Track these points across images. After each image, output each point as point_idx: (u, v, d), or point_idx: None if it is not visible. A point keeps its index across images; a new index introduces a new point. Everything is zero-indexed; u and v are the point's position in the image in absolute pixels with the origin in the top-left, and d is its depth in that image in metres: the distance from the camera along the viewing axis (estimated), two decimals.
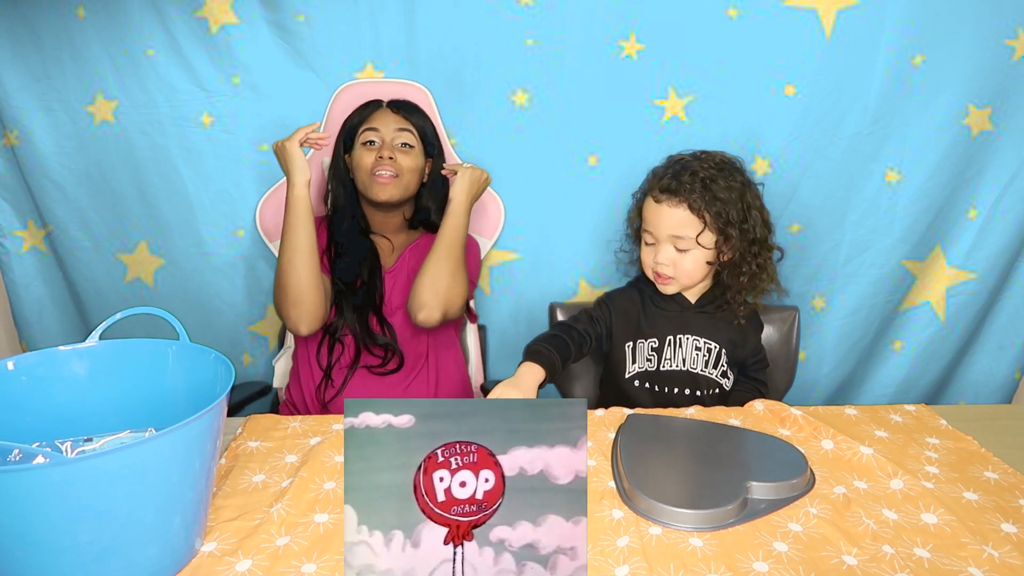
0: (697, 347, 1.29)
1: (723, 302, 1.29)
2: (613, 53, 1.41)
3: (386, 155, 1.33)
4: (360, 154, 1.35)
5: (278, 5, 1.37)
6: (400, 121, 1.36)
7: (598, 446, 1.05)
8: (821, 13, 1.36)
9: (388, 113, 1.37)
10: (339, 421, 1.11)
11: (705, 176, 1.22)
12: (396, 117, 1.37)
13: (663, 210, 1.24)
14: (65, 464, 0.71)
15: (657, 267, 1.26)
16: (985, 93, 1.42)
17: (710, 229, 1.22)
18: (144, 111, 1.43)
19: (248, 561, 0.79)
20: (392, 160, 1.33)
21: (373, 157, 1.34)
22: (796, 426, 1.10)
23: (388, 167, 1.32)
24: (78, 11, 1.37)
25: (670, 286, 1.28)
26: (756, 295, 1.29)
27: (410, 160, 1.36)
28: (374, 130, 1.35)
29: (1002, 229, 1.50)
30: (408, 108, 1.39)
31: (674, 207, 1.22)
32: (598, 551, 0.81)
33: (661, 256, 1.25)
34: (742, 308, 1.28)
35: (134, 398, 0.91)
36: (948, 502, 0.91)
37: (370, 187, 1.34)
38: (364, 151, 1.35)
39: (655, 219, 1.25)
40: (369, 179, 1.34)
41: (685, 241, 1.23)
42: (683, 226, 1.22)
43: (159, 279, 1.55)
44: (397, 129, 1.35)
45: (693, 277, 1.26)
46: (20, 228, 1.53)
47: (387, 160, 1.33)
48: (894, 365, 1.61)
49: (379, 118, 1.36)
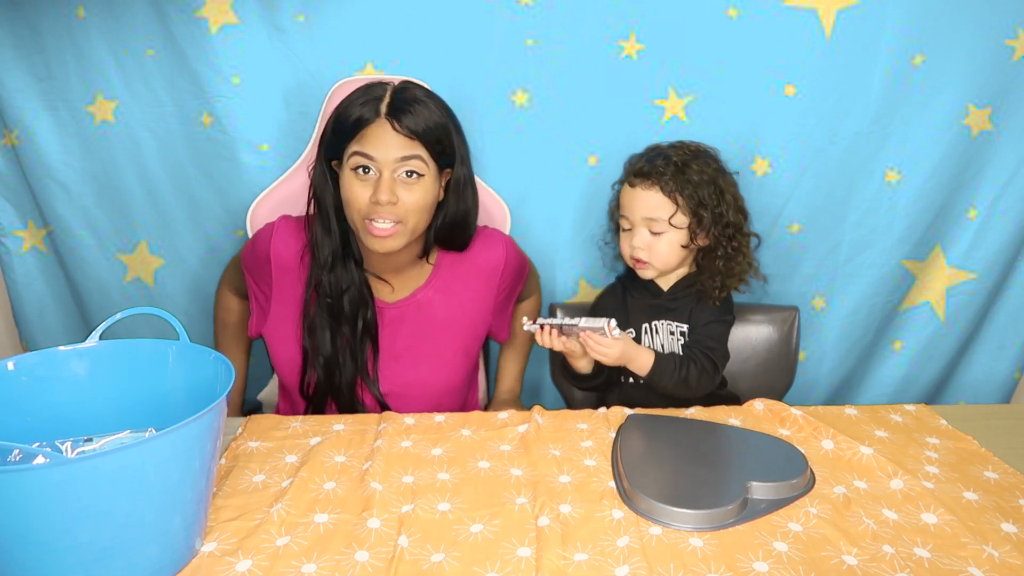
0: (671, 331, 1.30)
1: (698, 288, 1.30)
2: (613, 53, 1.41)
3: (383, 199, 1.03)
4: (350, 183, 1.06)
5: (278, 5, 1.37)
6: (403, 145, 1.05)
7: (598, 446, 1.05)
8: (821, 13, 1.36)
9: (387, 131, 1.04)
10: (339, 421, 1.11)
11: (678, 160, 1.26)
12: (398, 139, 1.04)
13: (637, 193, 1.27)
14: (65, 464, 0.71)
15: (633, 251, 1.29)
16: (985, 93, 1.42)
17: (682, 211, 1.25)
18: (144, 111, 1.43)
19: (248, 561, 0.80)
20: (393, 206, 1.05)
21: (366, 195, 1.05)
22: (796, 426, 1.10)
23: (387, 215, 1.05)
24: (78, 11, 1.37)
25: (647, 271, 1.30)
26: (735, 282, 1.31)
27: (417, 195, 1.07)
28: (367, 157, 1.05)
29: (1002, 229, 1.50)
30: (415, 116, 1.06)
31: (647, 189, 1.26)
32: (598, 551, 0.82)
33: (636, 240, 1.28)
34: (717, 292, 1.29)
35: (134, 398, 0.91)
36: (948, 502, 0.91)
37: (363, 235, 1.09)
38: (355, 180, 1.06)
39: (629, 203, 1.29)
40: (362, 224, 1.07)
41: (659, 223, 1.25)
42: (656, 208, 1.25)
43: (159, 279, 1.55)
44: (400, 159, 1.04)
45: (668, 261, 1.28)
46: (20, 228, 1.53)
47: (385, 207, 1.04)
48: (894, 365, 1.61)
49: (375, 138, 1.04)
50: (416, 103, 1.08)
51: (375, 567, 0.79)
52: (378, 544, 0.83)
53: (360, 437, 1.06)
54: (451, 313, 1.22)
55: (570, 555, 0.81)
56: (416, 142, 1.06)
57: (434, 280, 1.22)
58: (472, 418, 1.12)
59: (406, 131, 1.05)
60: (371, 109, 1.06)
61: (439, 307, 1.21)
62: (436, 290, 1.21)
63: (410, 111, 1.06)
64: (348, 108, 1.08)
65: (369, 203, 1.05)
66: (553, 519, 0.87)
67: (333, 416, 1.13)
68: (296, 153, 1.44)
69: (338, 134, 1.08)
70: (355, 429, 1.09)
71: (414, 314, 1.20)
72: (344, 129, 1.07)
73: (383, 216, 1.06)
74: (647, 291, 1.34)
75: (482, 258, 1.25)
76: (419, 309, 1.20)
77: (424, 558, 0.81)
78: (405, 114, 1.05)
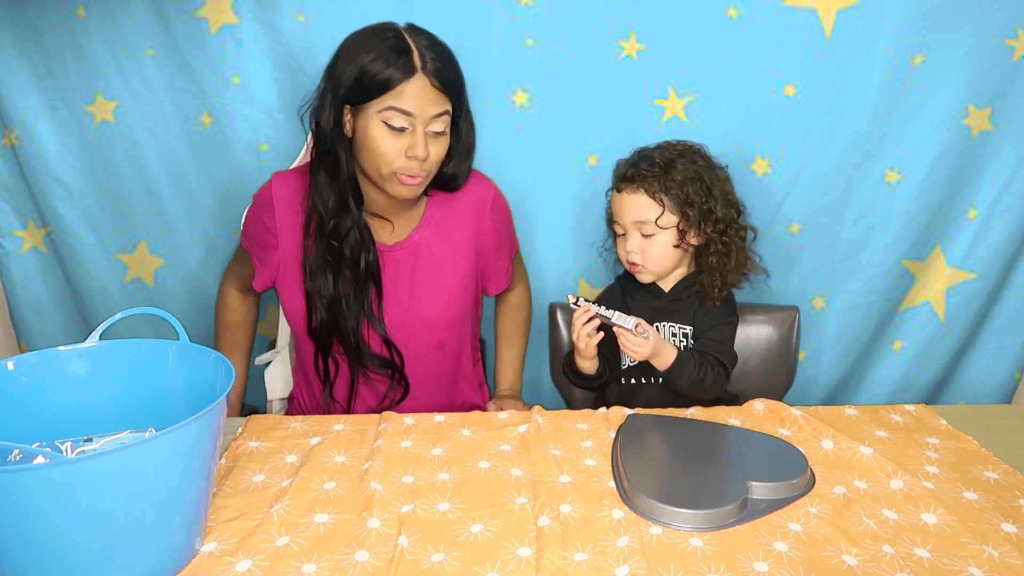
0: (673, 332, 1.31)
1: (697, 289, 1.31)
2: (613, 53, 1.41)
3: (421, 155, 1.07)
4: (378, 134, 1.07)
5: (277, 5, 1.37)
6: (440, 101, 1.07)
7: (598, 446, 1.05)
8: (821, 13, 1.36)
9: (427, 87, 1.06)
10: (339, 421, 1.11)
11: (662, 161, 1.27)
12: (435, 95, 1.07)
13: (624, 198, 1.28)
14: (65, 464, 0.71)
15: (628, 256, 1.30)
16: (985, 93, 1.42)
17: (669, 211, 1.25)
18: (144, 111, 1.43)
19: (248, 561, 0.80)
20: (425, 160, 1.09)
21: (399, 148, 1.07)
22: (796, 426, 1.10)
23: (418, 170, 1.09)
24: (78, 11, 1.37)
25: (644, 274, 1.31)
26: (734, 277, 1.31)
27: (440, 148, 1.11)
28: (405, 114, 1.06)
29: (1002, 229, 1.50)
30: (449, 70, 1.08)
31: (632, 193, 1.27)
32: (598, 551, 0.82)
33: (629, 244, 1.29)
34: (717, 291, 1.29)
35: (134, 398, 0.91)
36: (948, 502, 0.91)
37: (388, 183, 1.11)
38: (385, 132, 1.07)
39: (619, 208, 1.30)
40: (389, 175, 1.10)
41: (648, 226, 1.26)
42: (643, 211, 1.26)
43: (159, 279, 1.55)
44: (435, 116, 1.07)
45: (662, 263, 1.29)
46: (20, 228, 1.53)
47: (420, 162, 1.08)
48: (894, 365, 1.61)
49: (413, 93, 1.05)
50: (446, 55, 1.10)
51: (375, 567, 0.79)
52: (378, 544, 0.83)
53: (360, 437, 1.06)
54: (445, 251, 1.25)
55: (570, 555, 0.81)
56: (446, 96, 1.09)
57: (427, 219, 1.23)
58: (472, 418, 1.12)
59: (441, 87, 1.07)
60: (406, 64, 1.05)
61: (435, 246, 1.23)
62: (431, 229, 1.23)
63: (443, 66, 1.08)
64: (375, 63, 1.05)
65: (405, 157, 1.07)
66: (553, 519, 0.87)
67: (333, 416, 1.14)
68: (296, 153, 1.44)
69: (366, 87, 1.06)
70: (355, 429, 1.09)
71: (412, 254, 1.22)
72: (375, 84, 1.05)
73: (415, 171, 1.09)
74: (648, 293, 1.34)
75: (470, 191, 1.27)
76: (416, 249, 1.22)
77: (424, 558, 0.81)
78: (441, 70, 1.07)
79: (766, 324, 1.47)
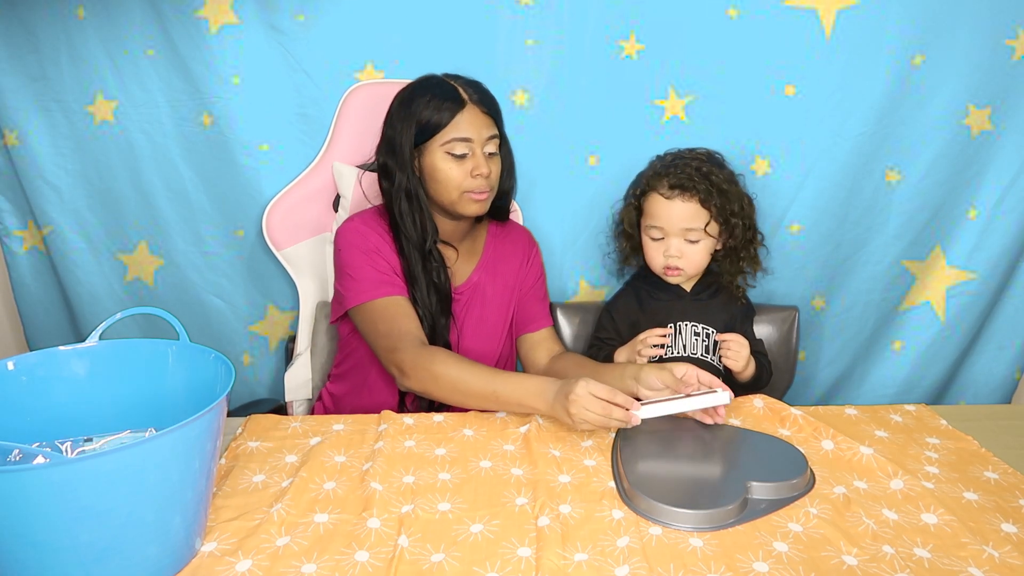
0: (696, 332, 1.33)
1: (717, 288, 1.37)
2: (613, 53, 1.41)
3: (486, 172, 1.19)
4: (444, 165, 1.19)
5: (277, 5, 1.37)
6: (489, 125, 1.21)
7: (598, 446, 1.05)
8: (821, 13, 1.36)
9: (477, 114, 1.20)
10: (339, 421, 1.11)
11: (704, 169, 1.31)
12: (486, 120, 1.21)
13: (675, 205, 1.30)
14: (65, 464, 0.71)
15: (669, 260, 1.32)
16: (985, 93, 1.42)
17: (715, 219, 1.30)
18: (144, 111, 1.43)
19: (248, 561, 0.80)
20: (488, 176, 1.21)
21: (463, 172, 1.19)
22: (796, 426, 1.10)
23: (484, 186, 1.21)
24: (78, 11, 1.37)
25: (679, 276, 1.35)
26: (746, 278, 1.39)
27: (497, 166, 1.24)
28: (465, 141, 1.19)
29: (1003, 229, 1.50)
30: (490, 101, 1.23)
31: (686, 201, 1.29)
32: (598, 551, 0.82)
33: (672, 249, 1.31)
34: (739, 290, 1.37)
35: (134, 398, 0.91)
36: (948, 502, 0.91)
37: (460, 204, 1.21)
38: (450, 162, 1.19)
39: (665, 214, 1.31)
40: (459, 196, 1.21)
41: (695, 232, 1.30)
42: (694, 218, 1.29)
43: (159, 279, 1.55)
44: (488, 138, 1.21)
45: (699, 266, 1.34)
46: (20, 228, 1.53)
47: (485, 179, 1.20)
48: (894, 365, 1.61)
49: (468, 122, 1.19)
50: (483, 88, 1.24)
51: (375, 567, 0.79)
52: (378, 544, 0.83)
53: (360, 437, 1.06)
54: (495, 291, 1.35)
55: (570, 555, 0.81)
56: (493, 120, 1.23)
57: (485, 263, 1.35)
58: (472, 418, 1.12)
59: (489, 113, 1.22)
60: (456, 100, 1.19)
61: (488, 287, 1.34)
62: (486, 271, 1.34)
63: (485, 96, 1.23)
64: (429, 107, 1.19)
65: (471, 177, 1.20)
66: (553, 519, 0.87)
67: (333, 416, 1.14)
68: (296, 153, 1.44)
69: (430, 128, 1.19)
70: (355, 429, 1.09)
71: (470, 296, 1.33)
72: (435, 122, 1.18)
73: (482, 187, 1.21)
74: (671, 292, 1.37)
75: (518, 233, 1.41)
76: (473, 292, 1.33)
77: (424, 558, 0.81)
78: (484, 99, 1.22)
79: (766, 324, 1.47)
